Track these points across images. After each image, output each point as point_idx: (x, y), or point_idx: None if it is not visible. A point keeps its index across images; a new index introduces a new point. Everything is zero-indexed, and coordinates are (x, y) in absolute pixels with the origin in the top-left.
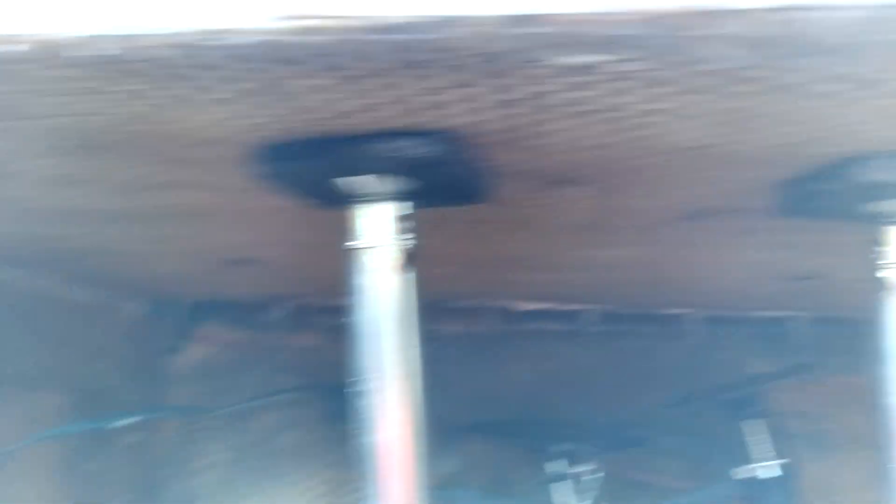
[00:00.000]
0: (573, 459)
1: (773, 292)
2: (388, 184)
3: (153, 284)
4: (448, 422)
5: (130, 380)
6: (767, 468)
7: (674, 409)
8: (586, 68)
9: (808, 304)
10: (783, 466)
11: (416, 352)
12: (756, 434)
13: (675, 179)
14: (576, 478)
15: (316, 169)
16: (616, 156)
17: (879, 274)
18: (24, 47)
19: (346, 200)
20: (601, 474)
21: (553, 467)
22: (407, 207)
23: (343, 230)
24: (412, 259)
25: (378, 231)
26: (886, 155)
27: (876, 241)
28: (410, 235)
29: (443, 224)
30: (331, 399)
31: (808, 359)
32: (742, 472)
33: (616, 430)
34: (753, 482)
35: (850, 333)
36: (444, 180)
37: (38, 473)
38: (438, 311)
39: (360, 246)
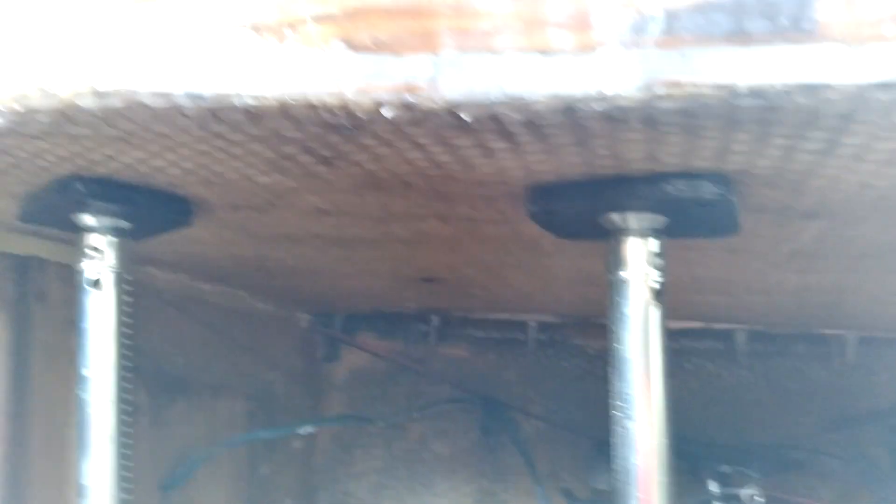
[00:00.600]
0: (732, 482)
1: None
2: (649, 220)
3: (321, 297)
4: (601, 438)
5: (297, 386)
6: None
7: (832, 433)
8: None
9: None
10: None
11: (663, 381)
12: None
13: None
14: (736, 500)
15: (582, 208)
16: (873, 195)
17: None
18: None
19: (607, 235)
20: (762, 499)
21: (712, 489)
22: (661, 243)
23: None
24: (662, 293)
25: (635, 265)
26: None
27: None
28: (662, 271)
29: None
30: (482, 410)
31: None
32: None
33: (774, 452)
34: None
35: None
36: (701, 216)
37: (224, 478)
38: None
39: (618, 278)
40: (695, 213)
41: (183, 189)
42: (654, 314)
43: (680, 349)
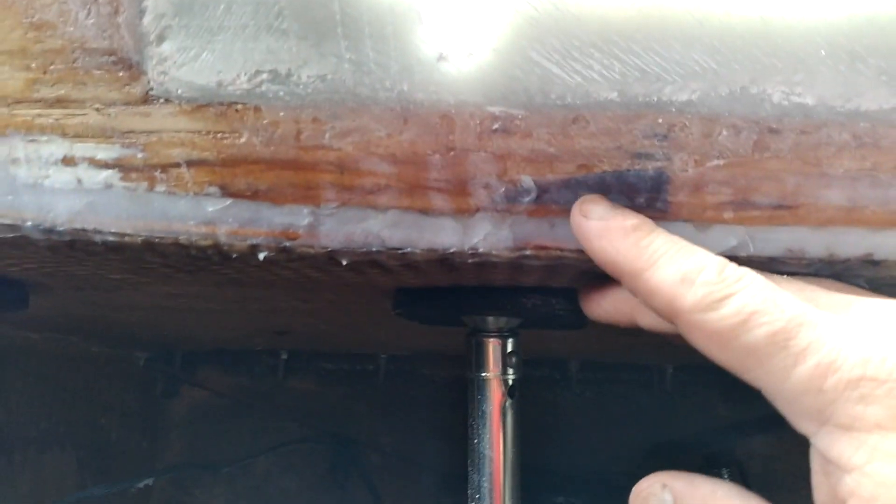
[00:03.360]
0: None
1: None
2: (504, 322)
3: (162, 339)
4: (447, 470)
5: (133, 428)
6: None
7: (653, 459)
8: None
9: None
10: None
11: (517, 475)
12: (725, 479)
13: None
14: None
15: (449, 310)
16: None
17: None
18: None
19: (462, 326)
20: None
21: None
22: (516, 342)
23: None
24: (515, 390)
25: (492, 365)
26: None
27: None
28: (516, 369)
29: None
30: (330, 448)
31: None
32: None
33: (602, 479)
34: None
35: None
36: (553, 319)
37: None
38: (442, 358)
39: (476, 376)
40: (548, 318)
41: (21, 278)
42: (510, 409)
43: (521, 378)
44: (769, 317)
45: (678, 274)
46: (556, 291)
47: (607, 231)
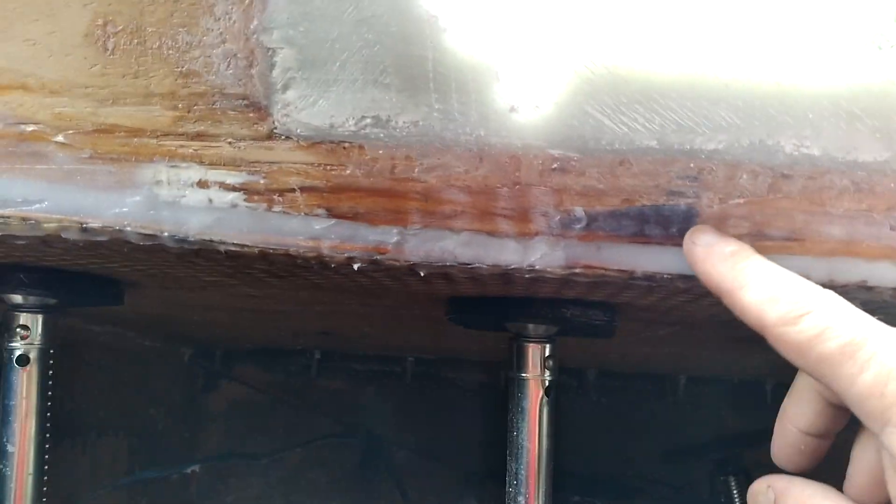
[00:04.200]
0: None
1: (757, 369)
2: (542, 330)
3: (209, 335)
4: (469, 469)
5: (176, 420)
6: None
7: (665, 464)
8: None
9: (777, 373)
10: None
11: (551, 465)
12: (734, 491)
13: (746, 328)
14: None
15: (496, 317)
16: (716, 320)
17: None
18: None
19: (505, 331)
20: None
21: None
22: (554, 347)
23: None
24: (551, 391)
25: (532, 367)
26: None
27: None
28: (552, 372)
29: None
30: (361, 444)
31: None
32: None
33: (618, 482)
34: None
35: None
36: (588, 328)
37: None
38: (466, 363)
39: (517, 377)
40: (584, 326)
41: (122, 277)
42: (546, 406)
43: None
44: (840, 331)
45: (767, 293)
46: (592, 304)
47: (710, 255)
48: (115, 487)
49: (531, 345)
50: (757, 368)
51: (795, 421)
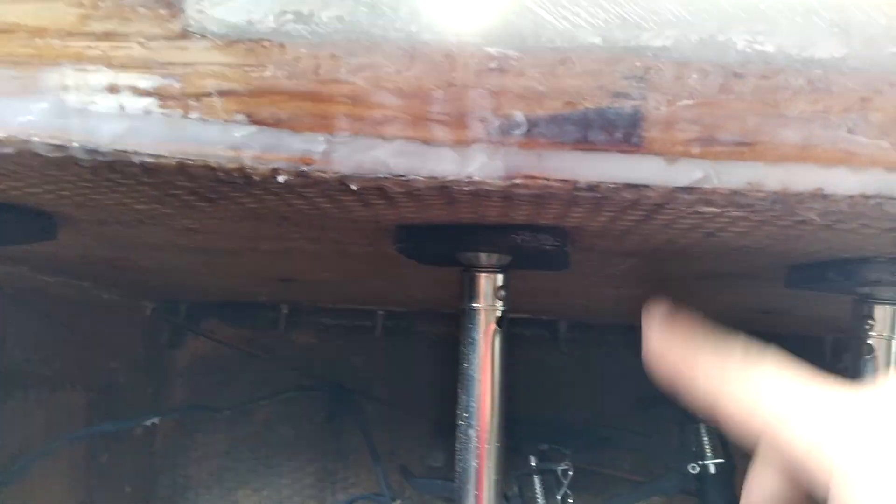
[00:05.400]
0: (549, 458)
1: (733, 318)
2: (498, 258)
3: (170, 287)
4: (438, 419)
5: (139, 375)
6: (711, 465)
7: (635, 413)
8: (713, 214)
9: (757, 329)
10: (723, 464)
11: (504, 398)
12: (704, 437)
13: (712, 261)
14: (549, 473)
15: (441, 247)
16: (678, 247)
17: (866, 341)
18: None
19: (457, 264)
20: (571, 472)
21: (532, 464)
22: (506, 278)
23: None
24: (504, 321)
25: (483, 297)
26: (883, 260)
27: (865, 316)
28: (505, 302)
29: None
30: (329, 396)
31: None
32: (691, 469)
33: (587, 430)
34: (699, 476)
35: (784, 350)
36: (540, 258)
37: (63, 469)
38: (437, 315)
39: (468, 307)
40: (536, 255)
41: (51, 208)
42: (498, 337)
43: (510, 336)
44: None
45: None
46: (542, 228)
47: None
48: (72, 440)
49: (482, 275)
50: (731, 320)
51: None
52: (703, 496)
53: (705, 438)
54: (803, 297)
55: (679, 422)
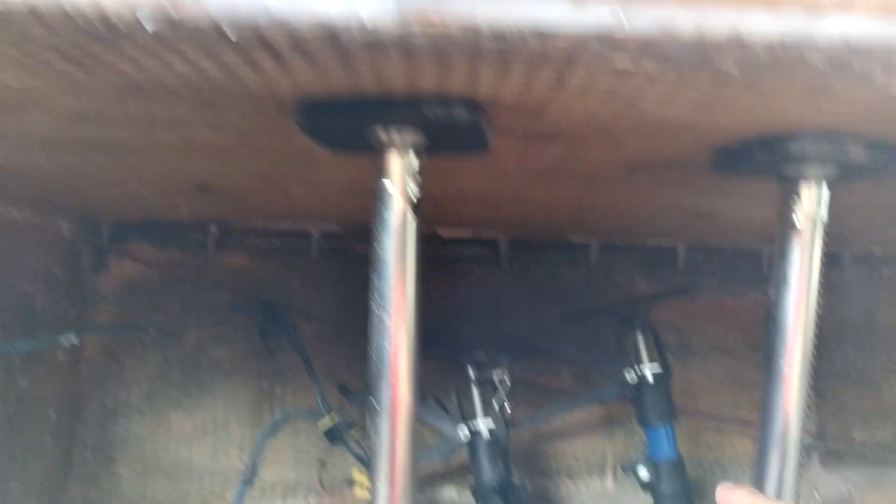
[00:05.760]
0: (485, 368)
1: (667, 227)
2: (410, 136)
3: (86, 204)
4: None
5: (60, 298)
6: (648, 373)
7: (573, 324)
8: (628, 72)
9: (692, 236)
10: (659, 372)
11: (419, 283)
12: (641, 346)
13: (633, 142)
14: (486, 383)
15: (348, 124)
16: (598, 124)
17: (793, 221)
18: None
19: (374, 149)
20: (508, 381)
21: (470, 374)
22: (419, 159)
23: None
24: (419, 205)
25: (396, 178)
26: (807, 133)
27: (792, 195)
28: (419, 184)
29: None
30: (261, 315)
31: (685, 282)
32: (628, 376)
33: (524, 341)
34: (636, 384)
35: (721, 262)
36: (455, 135)
37: None
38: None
39: (381, 189)
40: (450, 132)
41: None
42: (412, 222)
43: (452, 255)
44: None
45: None
46: (456, 102)
47: None
48: None
49: (394, 154)
50: (668, 227)
51: None
52: (640, 403)
53: (642, 347)
54: (733, 192)
55: (616, 332)
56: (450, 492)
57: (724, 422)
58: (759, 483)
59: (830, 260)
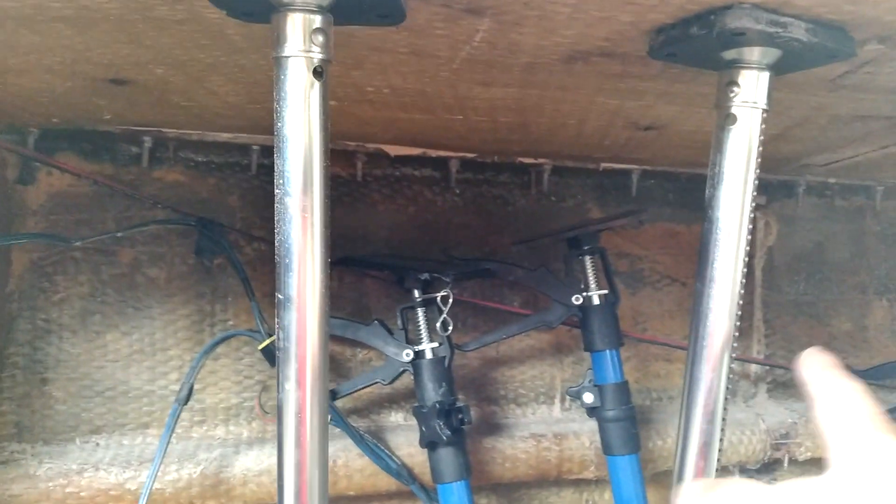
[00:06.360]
0: (429, 288)
1: (617, 144)
2: None
3: (3, 108)
4: None
5: None
6: (596, 297)
7: (521, 248)
8: None
9: (643, 158)
10: (607, 296)
11: (326, 163)
12: (589, 269)
13: (564, 20)
14: (430, 304)
15: None
16: None
17: (730, 109)
18: None
19: (269, 10)
20: (451, 300)
21: (415, 295)
22: (325, 21)
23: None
24: (324, 72)
25: (296, 41)
26: (746, 6)
27: (731, 83)
28: (323, 49)
29: (350, 47)
30: (198, 232)
31: (636, 207)
32: (575, 300)
33: (470, 263)
34: (584, 308)
35: (674, 187)
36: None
37: None
38: None
39: (279, 55)
40: None
41: None
42: (315, 92)
43: (401, 176)
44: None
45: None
46: None
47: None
48: None
49: (293, 13)
50: (617, 144)
51: None
52: (586, 327)
53: (590, 271)
54: (677, 94)
55: (565, 257)
56: (396, 416)
57: (672, 350)
58: (688, 408)
59: (784, 189)
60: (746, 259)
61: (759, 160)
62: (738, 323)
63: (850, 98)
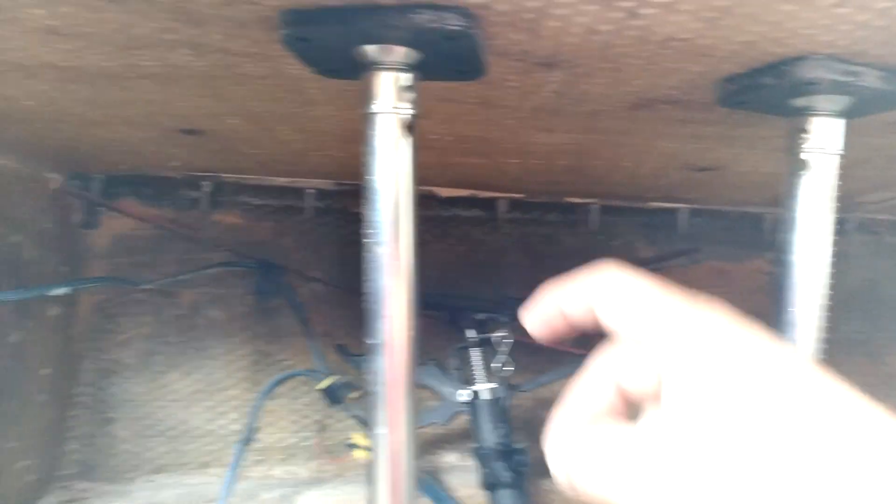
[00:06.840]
0: (486, 328)
1: (670, 184)
2: (399, 54)
3: (71, 151)
4: None
5: (50, 253)
6: None
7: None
8: None
9: (694, 197)
10: None
11: (415, 213)
12: None
13: (635, 70)
14: (488, 343)
15: (335, 36)
16: (598, 42)
17: (802, 156)
18: None
19: (362, 71)
20: (511, 340)
21: (469, 335)
22: (412, 78)
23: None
24: (414, 126)
25: (387, 98)
26: (819, 57)
27: (801, 129)
28: (413, 105)
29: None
30: (257, 274)
31: (686, 246)
32: None
33: (523, 302)
34: None
35: (723, 227)
36: (448, 53)
37: None
38: None
39: (370, 111)
40: (442, 48)
41: None
42: (405, 146)
43: (449, 217)
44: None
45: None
46: (446, 7)
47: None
48: None
49: (383, 72)
50: (669, 185)
51: None
52: None
53: None
54: (739, 138)
55: None
56: (450, 457)
57: None
58: None
59: (835, 226)
60: (828, 304)
61: (836, 204)
62: None
63: None
